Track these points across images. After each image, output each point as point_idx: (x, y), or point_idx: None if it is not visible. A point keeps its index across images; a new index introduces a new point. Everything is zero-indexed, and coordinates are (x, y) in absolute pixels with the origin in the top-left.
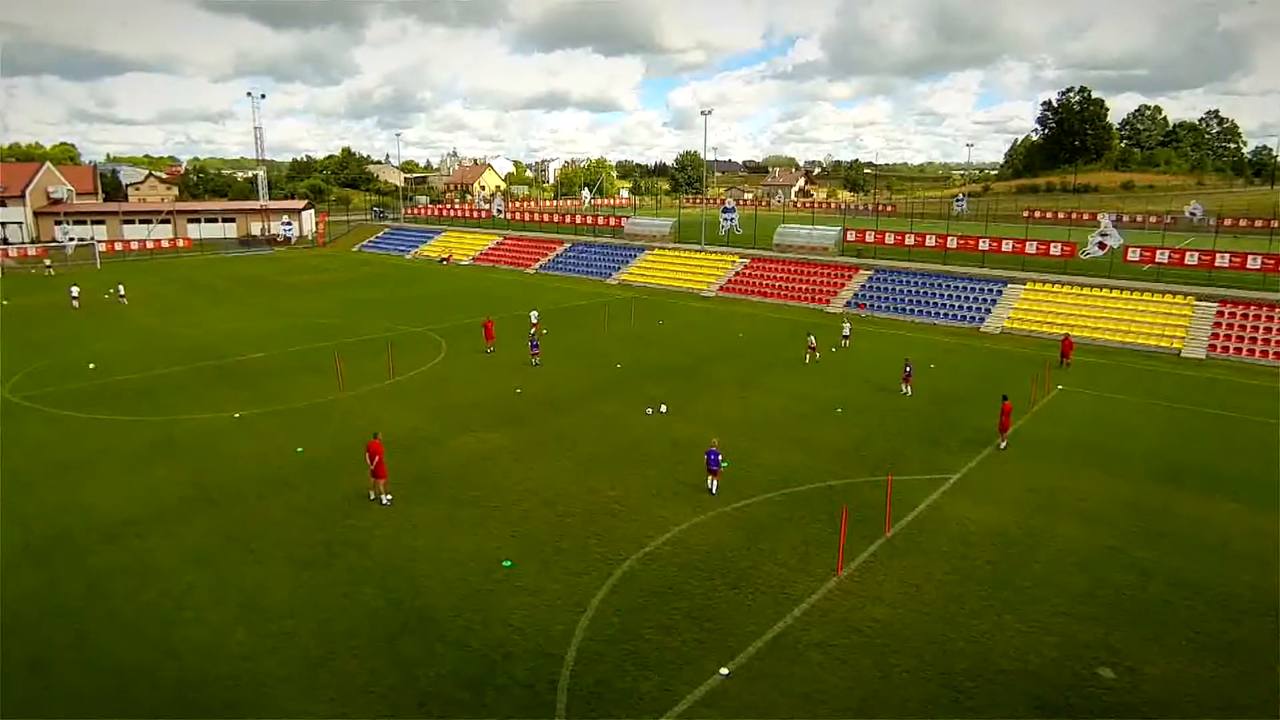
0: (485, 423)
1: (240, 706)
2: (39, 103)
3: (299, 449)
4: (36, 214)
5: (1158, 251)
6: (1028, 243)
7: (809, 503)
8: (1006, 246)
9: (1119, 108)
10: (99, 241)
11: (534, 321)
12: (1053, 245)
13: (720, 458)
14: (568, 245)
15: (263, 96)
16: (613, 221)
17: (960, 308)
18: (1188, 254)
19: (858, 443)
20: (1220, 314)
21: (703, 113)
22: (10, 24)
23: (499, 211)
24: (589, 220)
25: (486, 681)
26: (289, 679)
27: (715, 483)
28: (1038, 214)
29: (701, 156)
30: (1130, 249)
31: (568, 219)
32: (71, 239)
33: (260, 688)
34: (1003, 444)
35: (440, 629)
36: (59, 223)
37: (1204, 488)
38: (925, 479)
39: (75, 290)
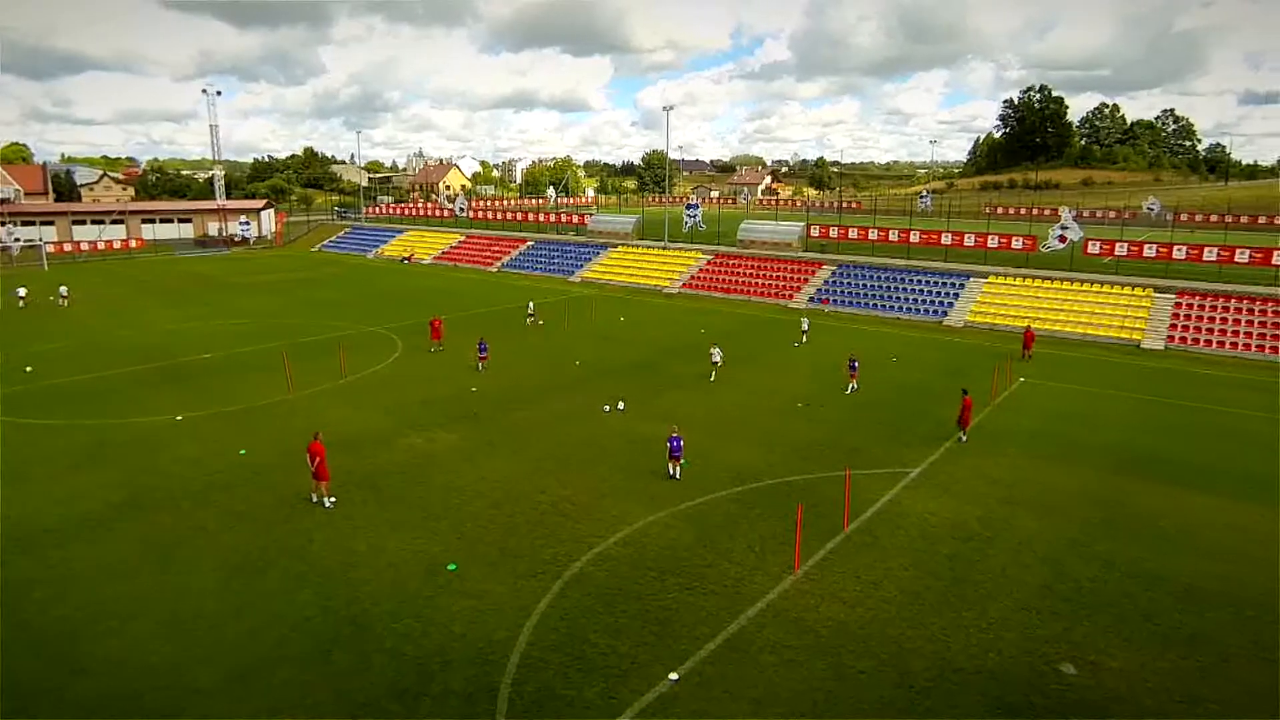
0: (437, 421)
1: None
2: None
3: (242, 451)
4: None
5: (1117, 245)
6: (990, 237)
7: (767, 500)
8: (969, 241)
9: (1079, 106)
10: (46, 243)
11: (531, 312)
12: (1014, 239)
13: (682, 444)
14: (530, 244)
15: (219, 93)
16: (576, 219)
17: (924, 302)
18: (1146, 247)
19: (819, 438)
20: (1178, 305)
21: (665, 109)
22: None
23: (461, 210)
24: (552, 218)
25: (423, 691)
26: (214, 692)
27: (678, 469)
28: (1000, 210)
29: (669, 155)
30: (1090, 242)
31: (531, 217)
32: (16, 240)
33: (181, 702)
34: (963, 438)
35: (377, 637)
36: (3, 223)
37: (1166, 478)
38: (886, 473)
39: (22, 291)
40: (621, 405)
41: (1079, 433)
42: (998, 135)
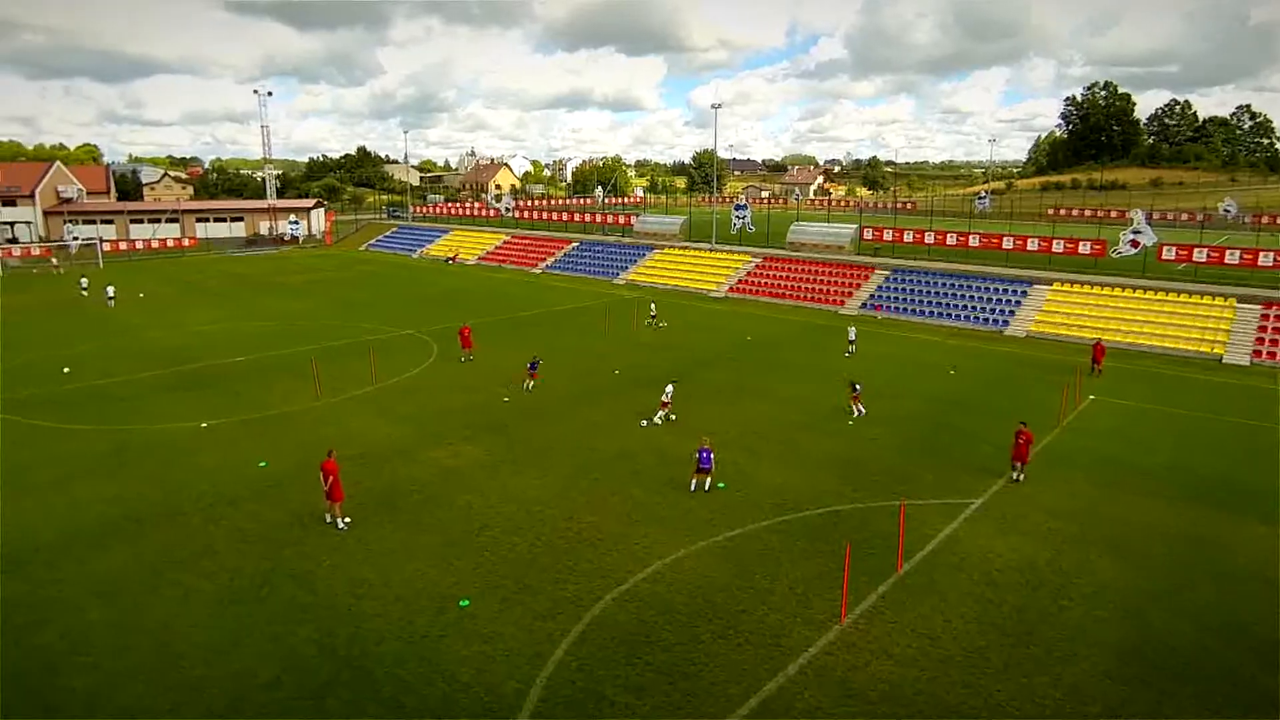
0: (463, 433)
1: None
2: (69, 104)
3: (262, 463)
4: (46, 213)
5: (1195, 250)
6: (1054, 241)
7: (812, 532)
8: (1032, 245)
9: (1146, 104)
10: (105, 241)
11: (653, 313)
12: (1081, 243)
13: (712, 457)
14: (575, 244)
15: (269, 94)
16: (622, 220)
17: (982, 310)
18: (1228, 253)
19: (869, 460)
20: (1265, 317)
21: (712, 106)
22: (45, 28)
23: (507, 210)
24: (598, 219)
25: None
26: None
27: (709, 481)
28: (1063, 211)
29: (716, 153)
30: (1165, 247)
31: (577, 217)
32: (75, 238)
33: None
34: (1018, 476)
35: (375, 683)
36: (67, 222)
37: (1255, 512)
38: (943, 504)
39: (85, 281)
40: (674, 417)
41: (1155, 458)
42: (1059, 133)
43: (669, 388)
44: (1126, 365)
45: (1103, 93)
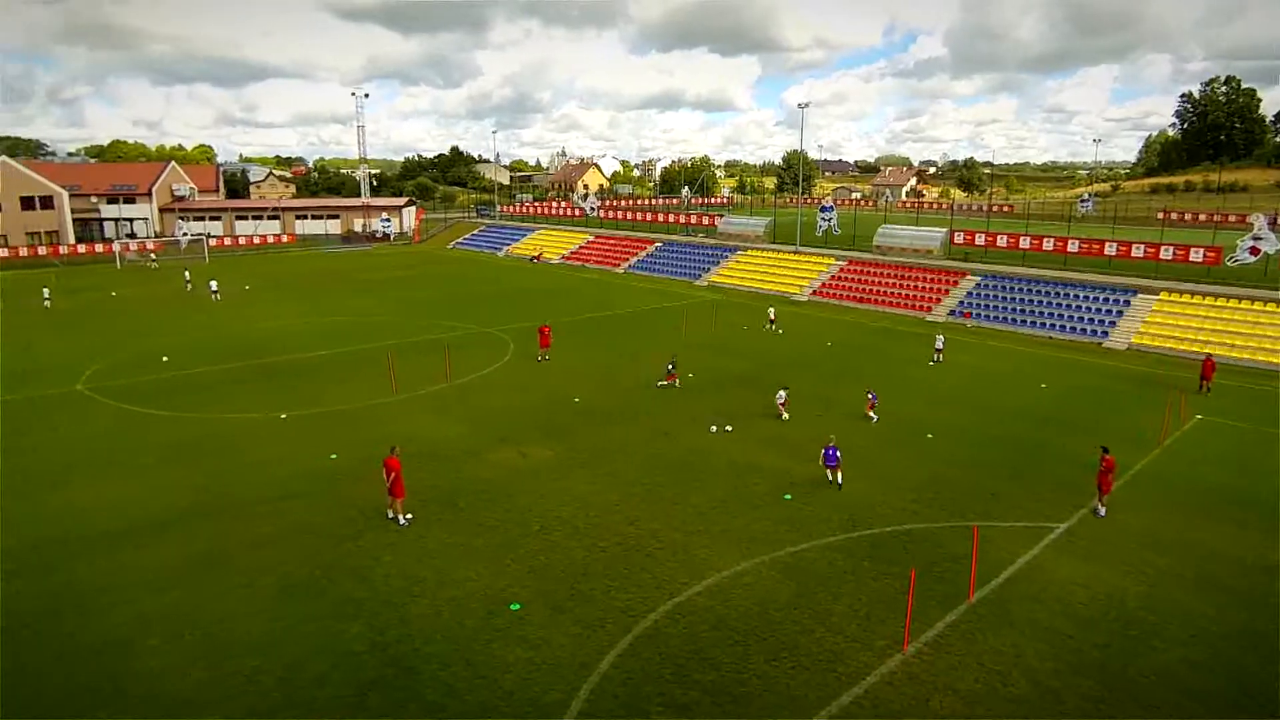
0: (531, 434)
1: None
2: (191, 108)
3: (333, 455)
4: (161, 210)
5: None
6: (1163, 247)
7: (881, 550)
8: (1137, 251)
9: (1273, 100)
10: (211, 236)
11: (771, 318)
12: (1193, 250)
13: (838, 454)
14: (658, 244)
15: (366, 95)
16: (706, 220)
17: (1081, 320)
18: None
19: (948, 477)
20: None
21: (800, 105)
22: (171, 36)
23: (592, 209)
24: (682, 219)
25: None
26: None
27: (838, 476)
28: (1174, 215)
29: (806, 153)
30: None
31: (661, 217)
32: (185, 233)
33: None
34: (1100, 509)
35: (420, 685)
36: (179, 218)
37: None
38: (1024, 528)
39: (188, 275)
40: (729, 428)
41: (1268, 488)
42: (1173, 133)
43: (781, 393)
44: (1239, 383)
45: (1224, 88)
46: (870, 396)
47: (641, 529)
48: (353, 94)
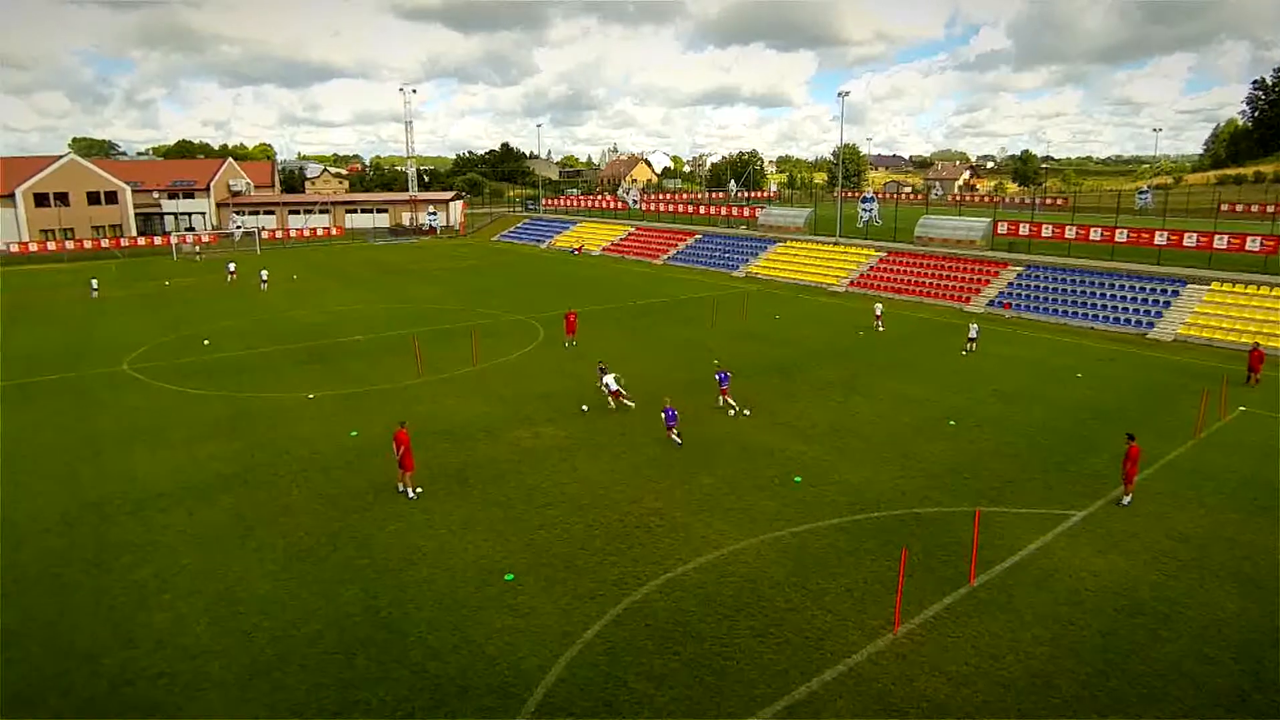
0: (549, 415)
1: (165, 709)
2: (257, 109)
3: (353, 432)
4: (218, 205)
5: None
6: (1216, 236)
7: (886, 533)
8: (1189, 241)
9: None
10: (264, 230)
11: (878, 313)
12: (1249, 239)
13: (676, 414)
14: (698, 236)
15: (414, 91)
16: (747, 212)
17: (1126, 310)
18: None
19: (966, 463)
20: None
21: (839, 94)
22: (240, 39)
23: (634, 203)
24: (723, 212)
25: (429, 717)
26: (225, 685)
27: (674, 433)
28: (1239, 208)
29: (856, 147)
30: None
31: (702, 210)
32: (238, 227)
33: (192, 692)
34: (1125, 498)
35: (405, 647)
36: (234, 212)
37: None
38: (1040, 514)
39: (232, 266)
40: (747, 411)
41: None
42: (1242, 122)
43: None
44: None
45: None
46: (719, 378)
47: (645, 507)
48: (400, 90)
